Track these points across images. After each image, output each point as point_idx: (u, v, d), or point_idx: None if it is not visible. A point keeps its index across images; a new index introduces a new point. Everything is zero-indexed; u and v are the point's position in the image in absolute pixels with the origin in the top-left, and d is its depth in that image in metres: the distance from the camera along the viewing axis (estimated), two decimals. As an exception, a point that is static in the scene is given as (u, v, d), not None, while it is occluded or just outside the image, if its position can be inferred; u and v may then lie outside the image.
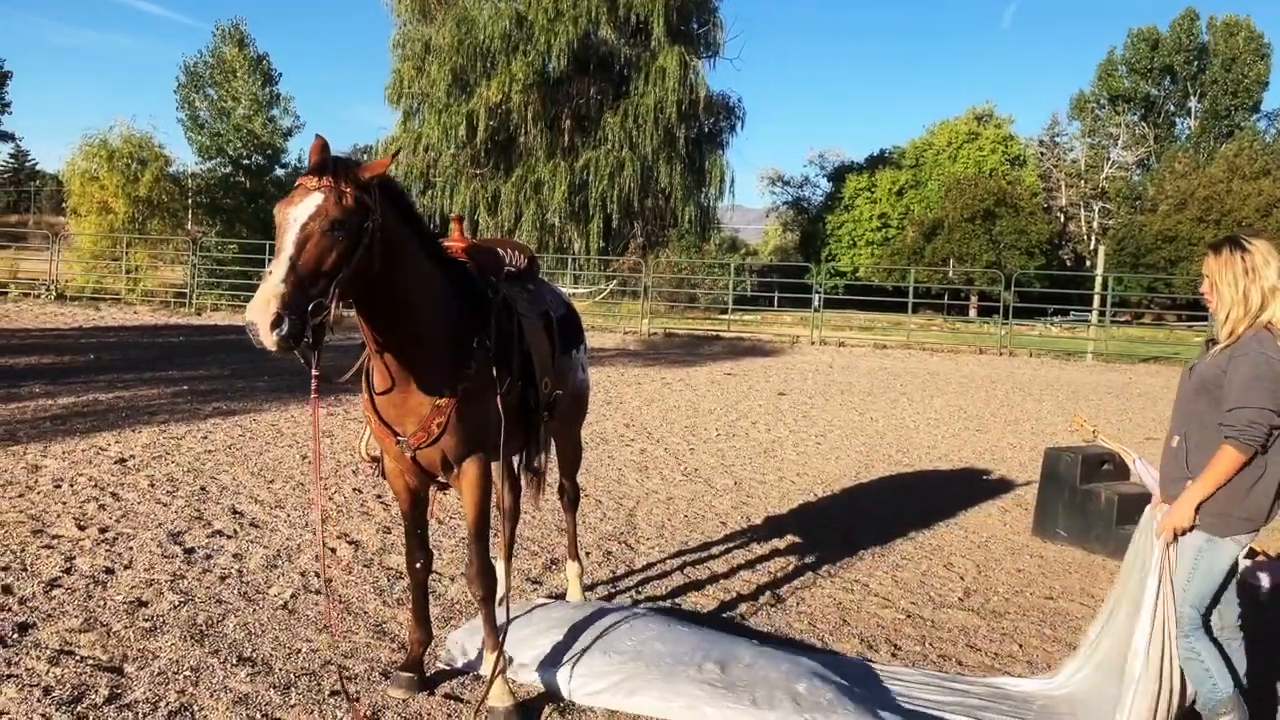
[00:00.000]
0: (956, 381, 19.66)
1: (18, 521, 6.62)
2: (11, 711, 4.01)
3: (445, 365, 4.00)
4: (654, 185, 40.83)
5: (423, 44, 39.98)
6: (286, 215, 3.44)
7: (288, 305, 3.26)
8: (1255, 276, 3.91)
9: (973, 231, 50.47)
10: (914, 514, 8.37)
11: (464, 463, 4.15)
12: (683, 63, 38.92)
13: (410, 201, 4.08)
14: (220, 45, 47.64)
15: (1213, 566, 3.97)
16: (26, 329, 20.28)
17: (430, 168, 40.50)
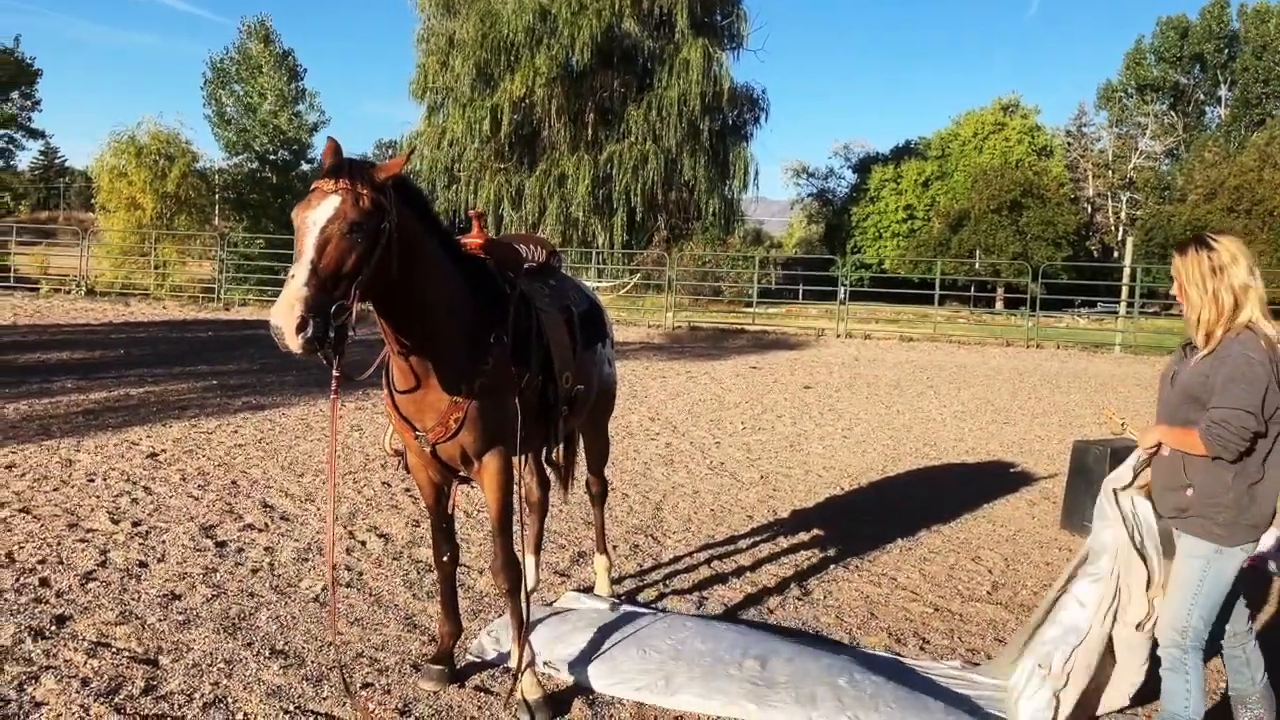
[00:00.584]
0: (983, 374, 19.57)
1: (53, 515, 6.71)
2: (51, 702, 4.08)
3: (463, 361, 4.03)
4: (678, 178, 40.78)
5: (447, 38, 40.07)
6: (305, 219, 3.48)
7: (311, 308, 3.31)
8: (1223, 276, 3.79)
9: (999, 223, 50.12)
10: (941, 507, 8.35)
11: (484, 457, 4.19)
12: (706, 55, 38.83)
13: (426, 199, 4.11)
14: (246, 41, 47.91)
15: (1221, 576, 3.88)
16: (58, 325, 20.50)
17: (455, 162, 40.60)
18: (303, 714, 4.13)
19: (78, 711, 4.01)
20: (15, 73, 39.09)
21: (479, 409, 4.06)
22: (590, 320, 5.08)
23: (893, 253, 54.62)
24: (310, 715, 4.12)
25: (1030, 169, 53.90)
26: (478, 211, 4.98)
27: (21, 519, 6.58)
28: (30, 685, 4.21)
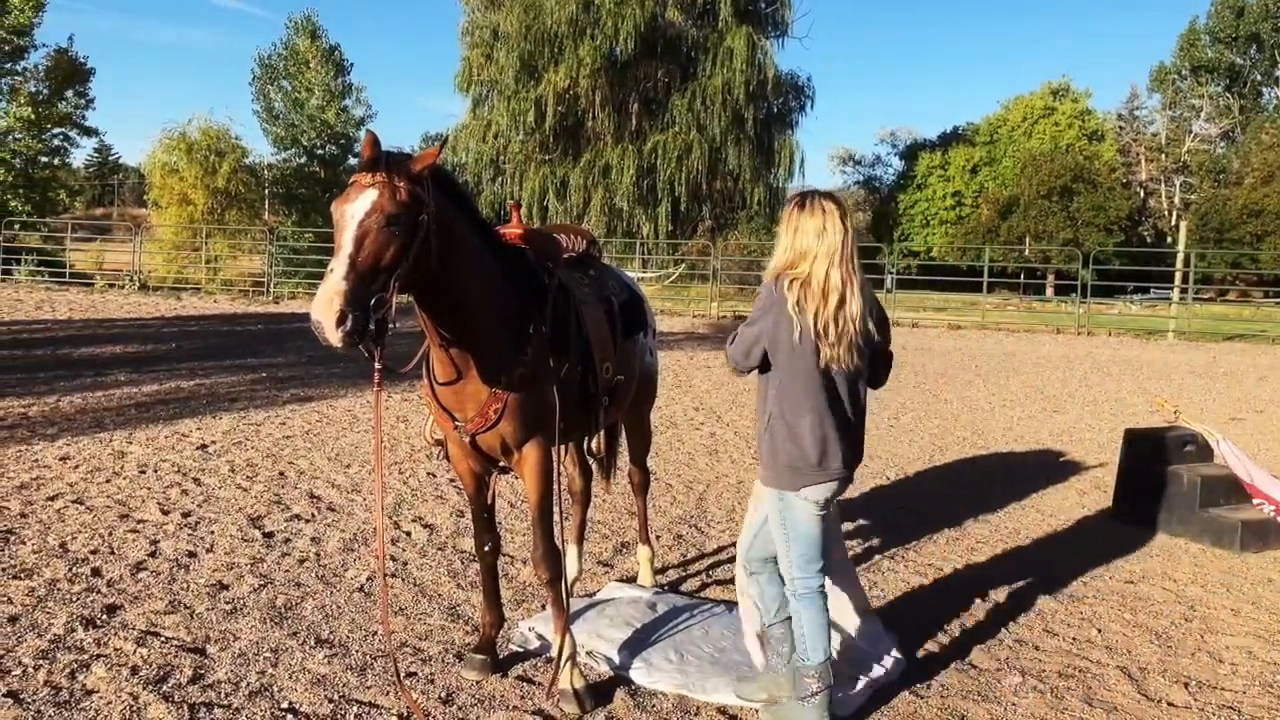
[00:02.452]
0: (1033, 362, 19.31)
1: (105, 506, 6.82)
2: (101, 690, 4.14)
3: (502, 352, 4.03)
4: (722, 167, 40.63)
5: (491, 31, 40.21)
6: (343, 213, 3.49)
7: (350, 302, 3.33)
8: (795, 234, 3.89)
9: (1049, 209, 49.47)
10: (989, 496, 8.25)
11: (523, 447, 4.19)
12: (750, 43, 38.62)
13: (464, 190, 4.11)
14: (293, 37, 48.43)
15: (797, 524, 3.97)
16: (112, 319, 20.85)
17: (500, 155, 40.76)
18: (347, 703, 4.16)
19: (127, 699, 4.07)
20: (69, 72, 39.66)
21: (518, 399, 4.07)
22: (630, 310, 5.05)
23: (941, 240, 54.12)
24: (354, 704, 4.15)
25: (1081, 154, 53.14)
26: (516, 202, 4.98)
27: (75, 510, 6.69)
28: (81, 673, 4.28)
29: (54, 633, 4.68)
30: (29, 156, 39.25)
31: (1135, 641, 5.24)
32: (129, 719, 3.93)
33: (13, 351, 14.68)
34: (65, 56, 39.49)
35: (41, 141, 39.78)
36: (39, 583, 5.32)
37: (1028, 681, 4.68)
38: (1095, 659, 4.99)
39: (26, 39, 38.20)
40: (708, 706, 4.27)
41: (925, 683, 4.61)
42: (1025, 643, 5.18)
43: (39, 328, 18.33)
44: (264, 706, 4.09)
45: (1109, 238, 48.19)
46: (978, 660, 4.92)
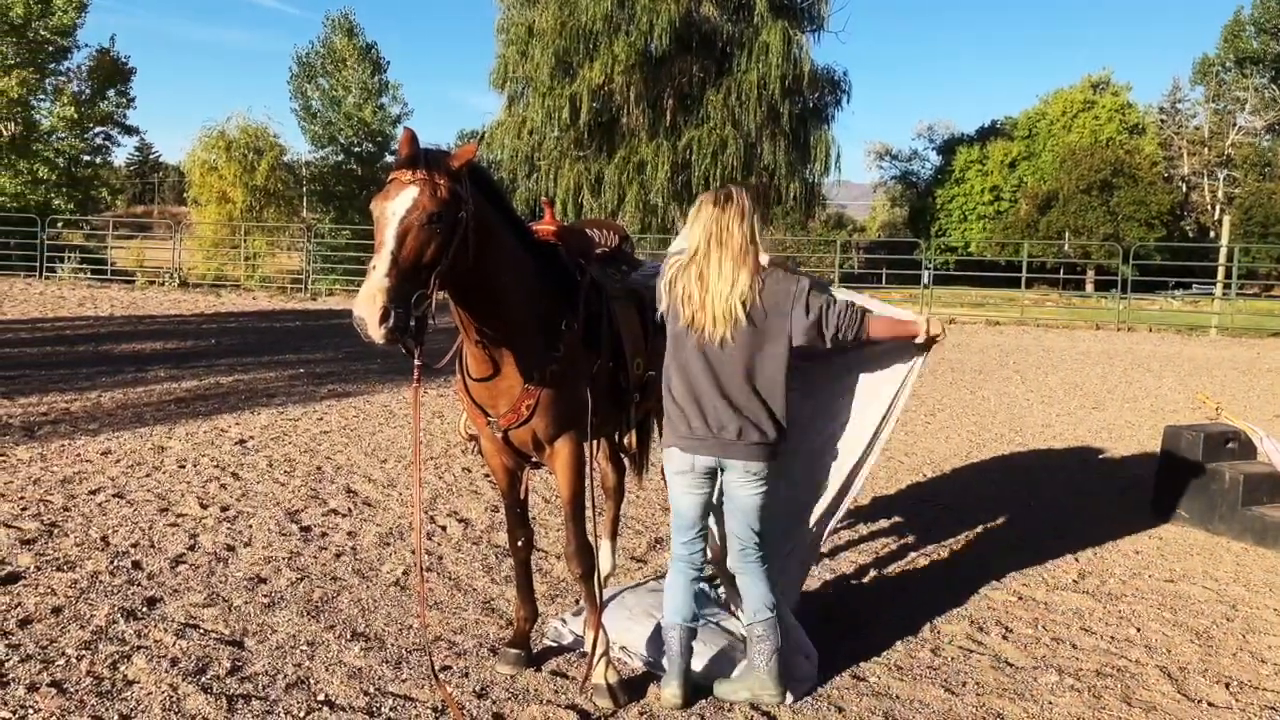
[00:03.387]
0: (1072, 358, 19.11)
1: (146, 500, 6.91)
2: (142, 681, 4.20)
3: (535, 347, 4.05)
4: (757, 163, 40.44)
5: (526, 28, 40.24)
6: (384, 210, 3.51)
7: (393, 299, 3.35)
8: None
9: (1089, 203, 48.93)
10: (1026, 494, 8.18)
11: (555, 443, 4.21)
12: (786, 38, 38.41)
13: (499, 187, 4.14)
14: (331, 35, 48.77)
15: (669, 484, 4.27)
16: (152, 315, 21.11)
17: (535, 151, 40.80)
18: (382, 696, 4.19)
19: (166, 690, 4.12)
20: (111, 71, 40.18)
21: (551, 395, 4.08)
22: None
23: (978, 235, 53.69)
24: (390, 697, 4.18)
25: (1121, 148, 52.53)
26: (549, 199, 5.00)
27: (116, 504, 6.78)
28: (123, 664, 4.34)
29: (96, 624, 4.74)
30: (72, 155, 39.79)
31: (1175, 641, 5.18)
32: (169, 710, 3.98)
33: (56, 347, 14.90)
34: (107, 56, 40.01)
35: (84, 140, 40.32)
36: (81, 575, 5.40)
37: (1065, 680, 4.64)
38: (1134, 658, 4.93)
39: (69, 39, 38.74)
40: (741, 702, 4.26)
41: (960, 680, 4.58)
42: (1062, 641, 5.13)
43: (81, 324, 18.59)
44: (300, 699, 4.13)
45: (1150, 233, 47.57)
46: (1013, 658, 4.88)
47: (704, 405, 4.06)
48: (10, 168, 37.00)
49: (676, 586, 4.24)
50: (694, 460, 4.12)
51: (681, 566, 4.25)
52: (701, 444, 4.09)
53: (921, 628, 5.22)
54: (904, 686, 4.50)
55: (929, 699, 4.39)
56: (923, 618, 5.36)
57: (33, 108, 38.39)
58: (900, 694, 4.43)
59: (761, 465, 4.10)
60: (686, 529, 4.24)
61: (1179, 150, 60.25)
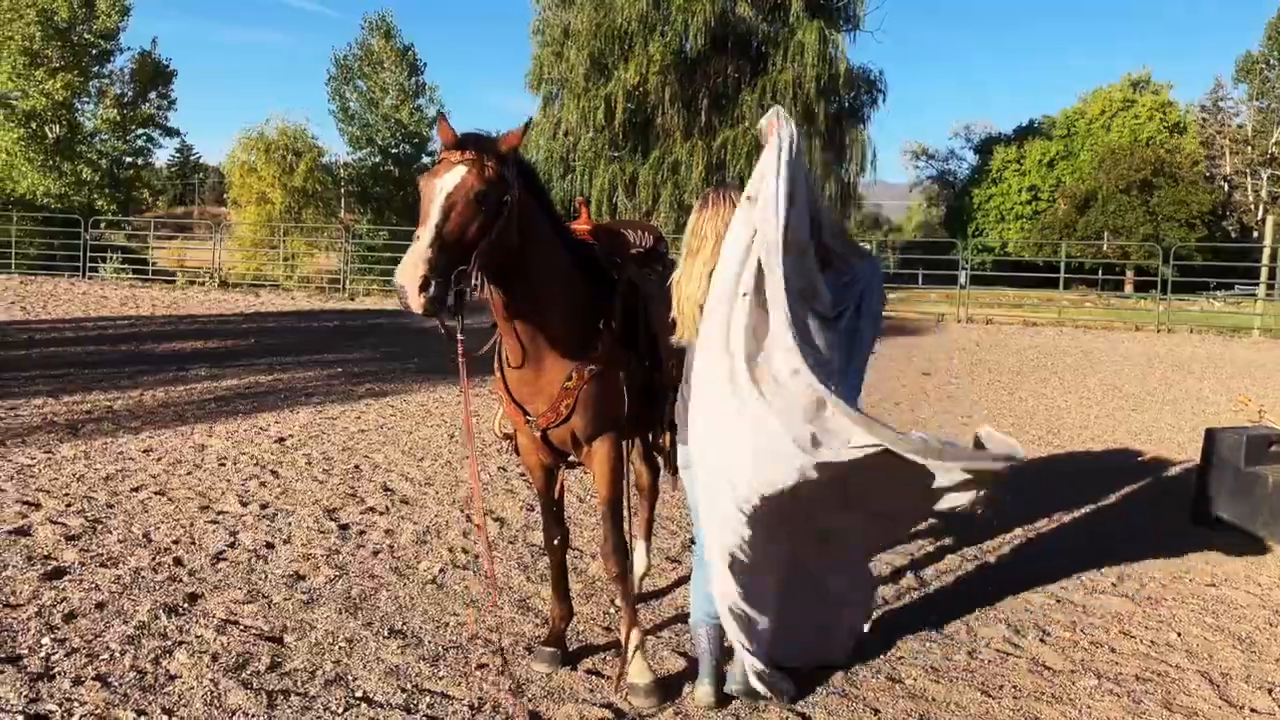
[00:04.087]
0: (1111, 359, 18.91)
1: (186, 498, 7.00)
2: (183, 675, 4.26)
3: (573, 346, 4.09)
4: (793, 162, 40.31)
5: (561, 29, 40.34)
6: (433, 185, 3.59)
7: (434, 269, 3.41)
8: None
9: (1128, 203, 48.38)
10: (1064, 496, 8.10)
11: (593, 442, 4.23)
12: (822, 37, 38.27)
13: (540, 180, 4.17)
14: (368, 37, 49.10)
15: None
16: (193, 315, 21.35)
17: (569, 152, 40.89)
18: (420, 693, 4.23)
19: (208, 685, 4.18)
20: (152, 74, 40.75)
21: (588, 394, 4.11)
22: None
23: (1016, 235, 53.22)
24: (427, 694, 4.22)
25: (1162, 147, 51.90)
26: (584, 199, 5.02)
27: (158, 501, 6.88)
28: (165, 659, 4.41)
29: (139, 619, 4.82)
30: (114, 157, 40.38)
31: (1217, 646, 5.12)
32: (210, 704, 4.04)
33: (99, 346, 15.11)
34: (149, 59, 40.57)
35: (126, 142, 40.91)
36: (124, 571, 5.48)
37: (1104, 684, 4.60)
38: (1175, 663, 4.89)
39: (112, 43, 39.33)
40: (776, 703, 4.26)
41: (997, 684, 4.56)
42: (1101, 645, 5.09)
43: (123, 323, 18.84)
44: (339, 695, 4.18)
45: (1191, 233, 46.98)
46: (1051, 662, 4.84)
47: (685, 402, 4.08)
48: (55, 169, 37.59)
49: (703, 584, 4.22)
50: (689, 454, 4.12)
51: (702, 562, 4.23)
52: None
53: (958, 630, 5.20)
54: (940, 689, 4.48)
55: (966, 702, 4.37)
56: (959, 620, 5.34)
57: (77, 110, 39.01)
58: (936, 696, 4.42)
59: None
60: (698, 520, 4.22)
61: (1221, 149, 59.44)
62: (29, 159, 37.12)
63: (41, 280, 27.51)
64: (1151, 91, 57.84)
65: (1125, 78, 58.93)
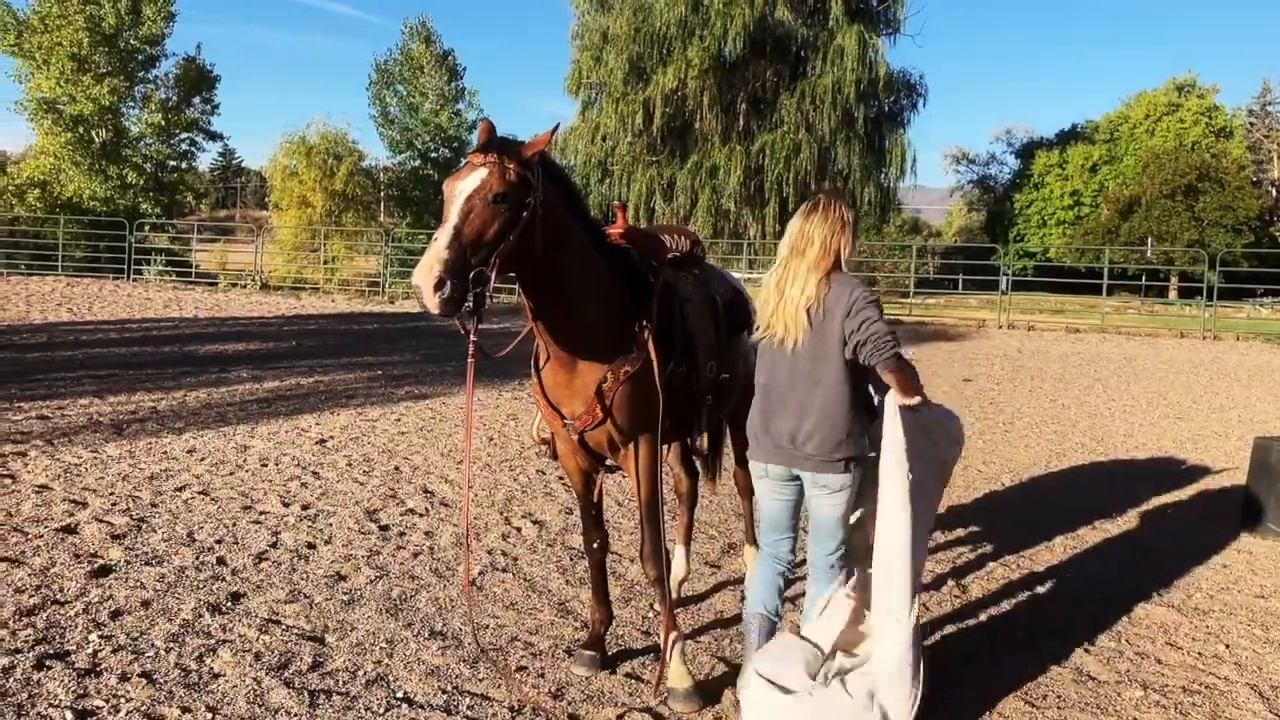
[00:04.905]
0: (1155, 367, 18.67)
1: (229, 498, 7.07)
2: (227, 674, 4.30)
3: (608, 349, 4.09)
4: (831, 167, 40.17)
5: (600, 34, 40.46)
6: (454, 188, 3.63)
7: (450, 269, 3.44)
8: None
9: (1173, 208, 47.72)
10: (1109, 505, 8.00)
11: (630, 445, 4.23)
12: (861, 41, 38.12)
13: (573, 185, 4.18)
14: (409, 42, 49.48)
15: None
16: (235, 317, 21.59)
17: (608, 157, 40.97)
18: (460, 694, 4.24)
19: (251, 683, 4.22)
20: (196, 79, 41.24)
21: (625, 397, 4.10)
22: (734, 308, 5.03)
23: (1058, 240, 52.65)
24: (467, 695, 4.23)
25: (1208, 151, 51.12)
26: (621, 203, 5.02)
27: (201, 500, 6.95)
28: (209, 657, 4.45)
29: (183, 618, 4.87)
30: (159, 161, 40.90)
31: (1266, 658, 5.03)
32: (253, 703, 4.07)
33: (143, 348, 15.31)
34: (193, 64, 41.08)
35: (170, 146, 41.43)
36: (169, 569, 5.54)
37: (1150, 695, 4.53)
38: (1223, 675, 4.81)
39: (158, 48, 39.87)
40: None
41: (1041, 694, 4.51)
42: (1147, 656, 5.02)
43: (167, 325, 19.08)
44: (380, 695, 4.20)
45: (1237, 238, 46.26)
46: (1096, 672, 4.78)
47: (774, 413, 4.10)
48: (101, 173, 38.14)
49: (761, 578, 4.31)
50: (767, 467, 4.16)
51: (768, 560, 4.32)
52: (772, 452, 4.12)
53: (1000, 639, 5.14)
54: (982, 698, 4.43)
55: (1009, 711, 4.33)
56: (1001, 628, 5.27)
57: (122, 115, 39.55)
58: (979, 705, 4.37)
59: (831, 478, 4.00)
60: (772, 530, 4.31)
61: (1269, 154, 58.51)
62: (76, 163, 37.71)
63: (87, 282, 27.93)
64: (1197, 95, 57.01)
65: (1170, 81, 58.11)
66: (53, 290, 24.81)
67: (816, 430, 3.97)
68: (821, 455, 3.98)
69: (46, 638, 4.54)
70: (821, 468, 4.00)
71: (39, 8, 36.92)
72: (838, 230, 4.00)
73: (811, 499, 4.12)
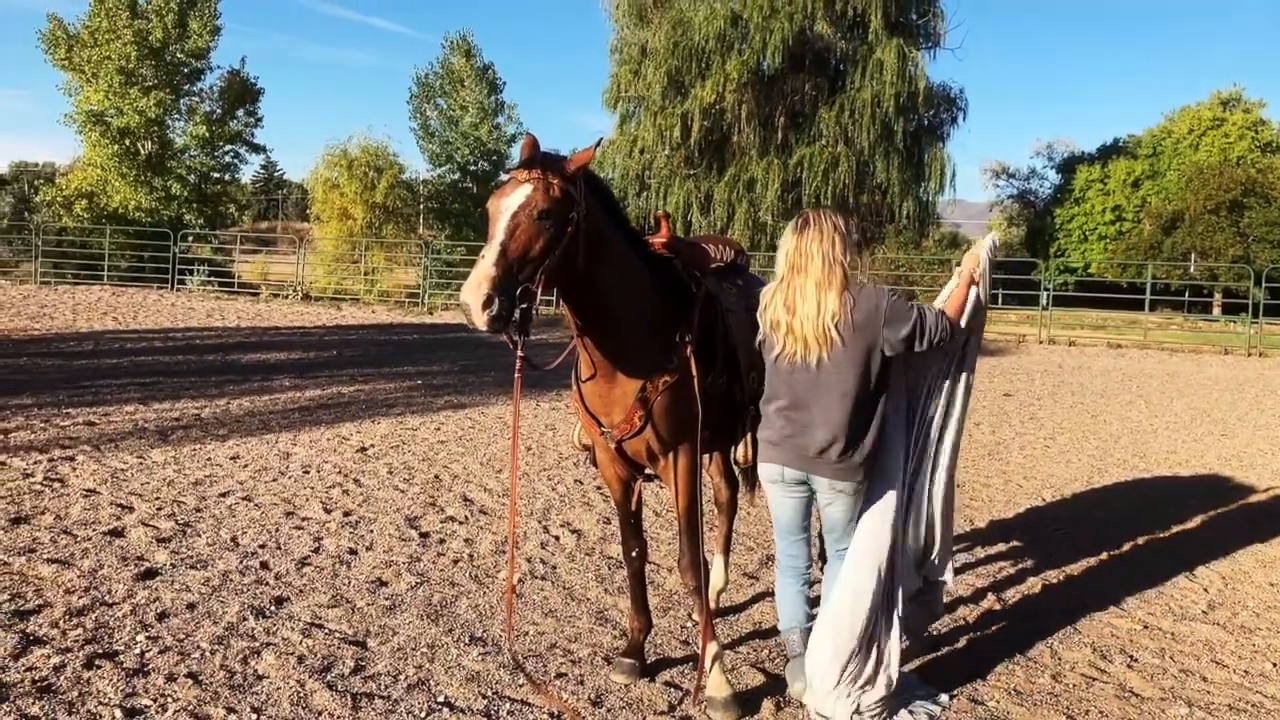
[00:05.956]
0: (1199, 383, 18.43)
1: (272, 504, 7.16)
2: (271, 676, 4.36)
3: (649, 358, 4.11)
4: (870, 181, 40.03)
5: (639, 48, 40.59)
6: (499, 205, 3.67)
7: (497, 287, 3.47)
8: None
9: (1217, 224, 47.08)
10: (1151, 521, 7.92)
11: (669, 454, 4.24)
12: (901, 55, 37.98)
13: (614, 197, 4.21)
14: (449, 56, 49.85)
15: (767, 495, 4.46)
16: (277, 327, 21.82)
17: (645, 170, 41.05)
18: (499, 699, 4.27)
19: (294, 686, 4.27)
20: (241, 92, 41.78)
21: (665, 406, 4.12)
22: None
23: (1099, 255, 52.07)
24: (507, 701, 4.26)
25: (1253, 166, 50.41)
26: (665, 213, 5.04)
27: (245, 506, 7.04)
28: (253, 660, 4.51)
29: (227, 620, 4.94)
30: (203, 172, 41.45)
31: (1314, 677, 4.96)
32: (297, 705, 4.12)
33: (187, 357, 15.52)
34: (238, 77, 41.60)
35: (214, 158, 41.96)
36: (213, 573, 5.62)
37: (1195, 713, 4.48)
38: (1270, 694, 4.74)
39: (203, 62, 40.45)
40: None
41: (1084, 709, 4.47)
42: (1191, 673, 4.96)
43: (210, 334, 19.33)
44: (421, 700, 4.23)
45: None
46: (1139, 688, 4.73)
47: (797, 424, 4.18)
48: (146, 184, 38.71)
49: (785, 595, 4.42)
50: (783, 471, 4.25)
51: (786, 574, 4.44)
52: (793, 459, 4.21)
53: (1041, 653, 5.11)
54: (1023, 712, 4.41)
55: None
56: (1042, 643, 5.24)
57: (168, 127, 40.15)
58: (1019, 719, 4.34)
59: (847, 484, 4.18)
60: (786, 534, 4.42)
61: (1316, 169, 57.58)
62: (122, 174, 38.29)
63: (132, 291, 28.36)
64: (1243, 109, 56.27)
65: (1215, 95, 57.41)
66: (98, 299, 25.22)
67: (842, 440, 4.10)
68: (844, 463, 4.12)
69: (95, 638, 4.62)
70: (841, 474, 4.15)
71: (89, 22, 37.60)
72: (836, 242, 4.13)
73: (827, 504, 4.27)
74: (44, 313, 21.04)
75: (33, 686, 4.11)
